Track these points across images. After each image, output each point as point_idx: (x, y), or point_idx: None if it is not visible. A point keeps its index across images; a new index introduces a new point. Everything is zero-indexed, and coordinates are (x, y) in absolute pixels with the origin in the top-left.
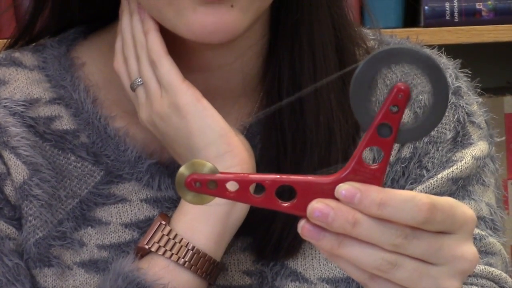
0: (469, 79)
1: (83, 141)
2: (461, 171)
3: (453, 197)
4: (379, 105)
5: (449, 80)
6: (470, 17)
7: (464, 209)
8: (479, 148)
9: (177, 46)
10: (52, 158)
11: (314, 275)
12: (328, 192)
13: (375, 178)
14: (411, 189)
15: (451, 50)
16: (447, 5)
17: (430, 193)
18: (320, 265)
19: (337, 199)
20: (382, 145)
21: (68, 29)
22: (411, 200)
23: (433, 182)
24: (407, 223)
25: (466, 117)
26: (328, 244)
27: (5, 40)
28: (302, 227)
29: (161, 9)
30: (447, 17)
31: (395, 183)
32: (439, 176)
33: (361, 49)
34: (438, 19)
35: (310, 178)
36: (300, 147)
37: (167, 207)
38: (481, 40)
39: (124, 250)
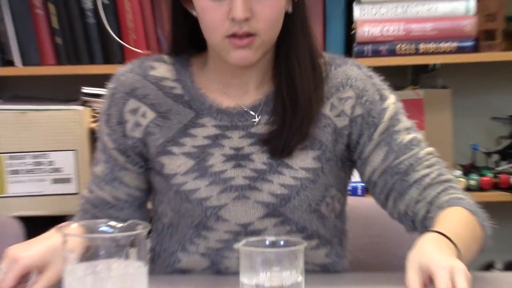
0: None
1: (186, 99)
2: (391, 111)
3: (392, 129)
4: None
5: (369, 73)
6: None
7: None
8: (392, 97)
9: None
10: (168, 103)
11: (297, 165)
12: None
13: None
14: (374, 133)
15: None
16: None
17: (387, 124)
18: (301, 159)
19: None
20: None
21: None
22: None
23: (384, 121)
24: None
25: (379, 85)
26: None
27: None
28: None
29: (220, 51)
30: None
31: (361, 133)
32: (386, 117)
33: (321, 59)
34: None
35: None
36: (293, 111)
37: (226, 126)
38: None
39: (205, 151)
